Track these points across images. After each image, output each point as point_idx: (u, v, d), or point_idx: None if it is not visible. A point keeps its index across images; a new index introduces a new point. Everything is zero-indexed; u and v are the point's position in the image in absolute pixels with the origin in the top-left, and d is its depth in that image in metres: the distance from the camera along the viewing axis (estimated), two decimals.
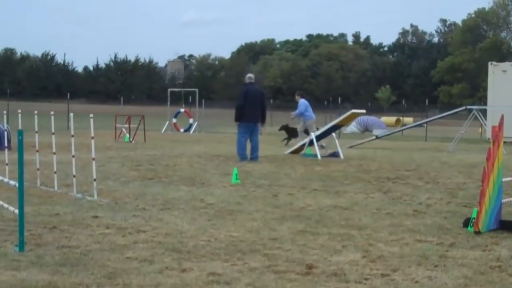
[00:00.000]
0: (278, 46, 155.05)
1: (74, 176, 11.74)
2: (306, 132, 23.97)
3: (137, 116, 30.24)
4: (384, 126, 47.98)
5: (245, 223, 9.15)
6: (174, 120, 41.14)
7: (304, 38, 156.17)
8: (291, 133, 27.82)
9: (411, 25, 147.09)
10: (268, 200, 11.37)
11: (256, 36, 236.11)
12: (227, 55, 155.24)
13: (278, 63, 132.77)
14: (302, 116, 24.57)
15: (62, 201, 10.86)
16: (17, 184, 7.45)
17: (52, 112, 12.20)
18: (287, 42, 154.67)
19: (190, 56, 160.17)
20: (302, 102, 24.46)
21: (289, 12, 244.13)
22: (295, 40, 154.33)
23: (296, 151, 21.69)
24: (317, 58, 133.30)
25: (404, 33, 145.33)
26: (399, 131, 36.78)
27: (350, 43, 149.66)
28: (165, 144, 26.04)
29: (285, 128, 28.72)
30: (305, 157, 20.31)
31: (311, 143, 21.16)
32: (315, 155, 20.36)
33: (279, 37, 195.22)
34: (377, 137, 30.36)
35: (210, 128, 42.95)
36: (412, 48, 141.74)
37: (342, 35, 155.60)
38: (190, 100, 42.73)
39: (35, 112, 12.55)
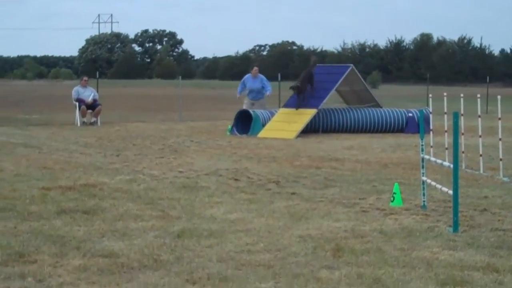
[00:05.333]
0: None
1: (500, 160, 11.52)
2: None
3: None
4: None
5: None
6: None
7: None
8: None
9: None
10: None
11: None
12: None
13: None
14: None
15: (489, 184, 10.74)
16: (451, 166, 7.53)
17: (479, 95, 12.13)
18: None
19: None
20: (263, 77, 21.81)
21: None
22: None
23: None
24: None
25: None
26: None
27: None
28: None
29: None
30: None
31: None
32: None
33: None
34: None
35: None
36: None
37: None
38: None
39: (461, 95, 12.55)
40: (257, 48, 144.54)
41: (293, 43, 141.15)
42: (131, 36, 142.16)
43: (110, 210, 8.45)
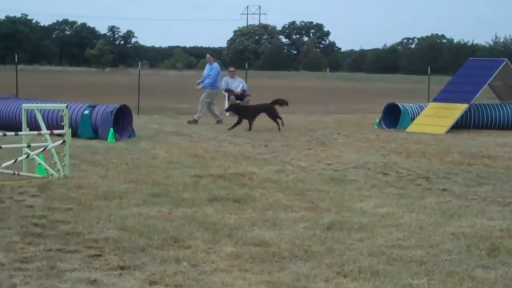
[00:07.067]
0: None
1: None
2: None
3: None
4: None
5: None
6: None
7: None
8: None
9: None
10: None
11: None
12: None
13: None
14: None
15: None
16: None
17: None
18: None
19: None
20: (216, 67, 20.26)
21: None
22: None
23: None
24: None
25: None
26: None
27: None
28: None
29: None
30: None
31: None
32: None
33: None
34: None
35: None
36: None
37: None
38: None
39: None
40: (405, 41, 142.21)
41: (443, 36, 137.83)
42: (279, 27, 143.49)
43: (260, 200, 8.56)
